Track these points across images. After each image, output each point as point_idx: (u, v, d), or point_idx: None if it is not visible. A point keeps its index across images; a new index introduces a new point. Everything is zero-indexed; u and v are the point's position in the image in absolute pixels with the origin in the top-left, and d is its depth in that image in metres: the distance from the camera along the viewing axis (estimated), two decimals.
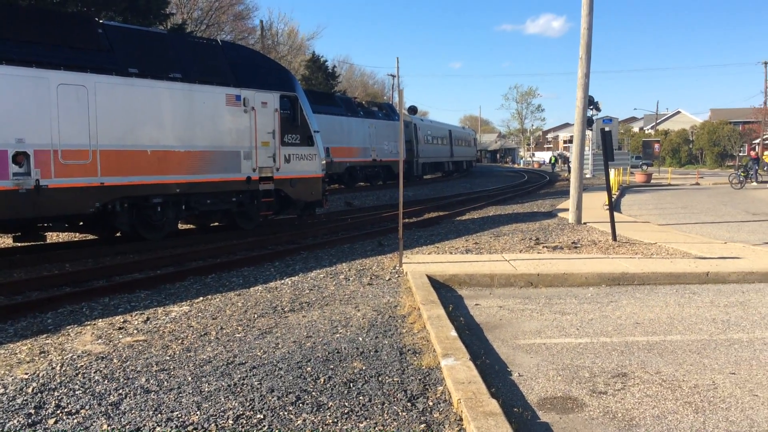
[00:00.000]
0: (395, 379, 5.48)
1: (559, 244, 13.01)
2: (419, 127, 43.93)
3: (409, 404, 4.97)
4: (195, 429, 4.48)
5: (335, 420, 4.66)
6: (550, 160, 72.39)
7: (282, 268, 11.21)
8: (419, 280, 9.15)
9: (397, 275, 10.11)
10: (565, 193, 22.86)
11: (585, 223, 17.02)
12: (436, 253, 12.18)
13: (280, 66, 17.73)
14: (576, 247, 12.67)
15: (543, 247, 12.77)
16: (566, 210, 18.95)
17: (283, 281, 9.90)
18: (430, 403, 4.99)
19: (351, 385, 5.34)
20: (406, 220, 17.43)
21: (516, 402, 5.10)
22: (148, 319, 7.65)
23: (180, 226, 15.86)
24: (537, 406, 5.04)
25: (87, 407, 4.86)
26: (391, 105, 43.48)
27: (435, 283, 9.23)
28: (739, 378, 5.61)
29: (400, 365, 5.83)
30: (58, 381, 5.40)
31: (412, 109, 54.20)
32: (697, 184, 39.94)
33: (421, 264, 10.57)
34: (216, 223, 15.91)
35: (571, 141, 18.42)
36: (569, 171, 27.40)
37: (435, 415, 4.77)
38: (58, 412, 4.76)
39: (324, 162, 17.01)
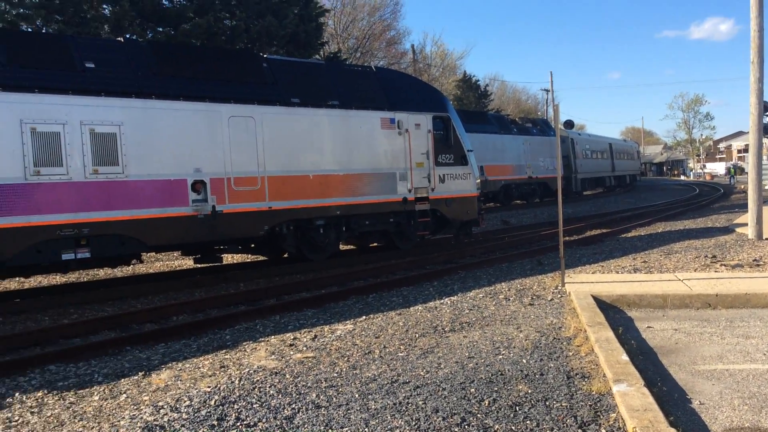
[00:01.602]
0: (564, 404, 5.28)
1: (739, 262, 12.00)
2: (576, 142, 42.55)
3: (579, 431, 4.76)
4: None
5: None
6: (728, 171, 67.10)
7: (440, 287, 11.24)
8: (584, 300, 8.79)
9: (559, 295, 9.80)
10: (742, 207, 21.11)
11: (767, 239, 15.59)
12: (600, 272, 11.67)
13: (431, 87, 17.96)
14: (758, 265, 11.63)
15: (720, 265, 11.84)
16: (745, 225, 17.48)
17: (442, 301, 9.91)
18: (603, 431, 4.75)
19: (517, 409, 5.21)
20: (567, 238, 16.88)
21: None
22: (315, 336, 7.96)
23: (341, 246, 16.41)
24: None
25: (264, 420, 5.11)
26: (545, 120, 42.56)
27: (601, 303, 8.83)
28: None
29: (568, 390, 5.61)
30: (237, 394, 5.73)
31: (569, 123, 52.71)
32: None
33: (585, 284, 10.16)
34: (375, 244, 16.29)
35: (745, 150, 17.05)
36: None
37: None
38: (238, 424, 5.05)
39: (479, 181, 16.93)
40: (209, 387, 5.99)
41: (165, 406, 5.47)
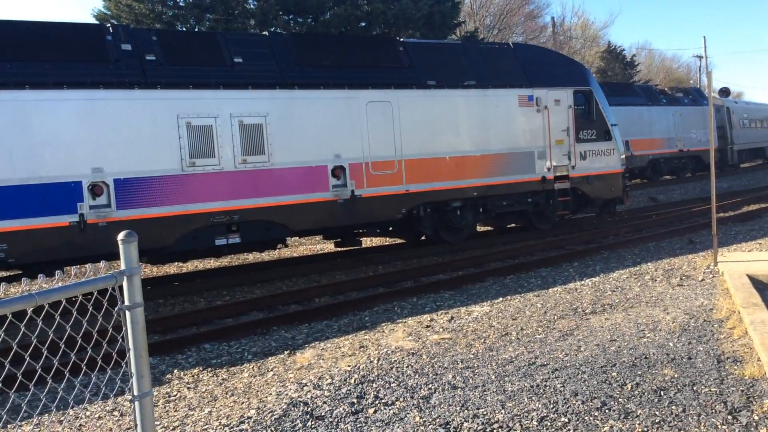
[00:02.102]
0: (713, 389, 5.01)
1: None
2: (733, 111, 39.45)
3: (729, 417, 4.51)
4: (500, 427, 4.58)
5: (645, 429, 4.41)
6: None
7: (581, 268, 10.95)
8: (738, 280, 8.23)
9: (711, 275, 9.23)
10: None
11: None
12: (757, 250, 10.87)
13: (572, 60, 17.39)
14: None
15: None
16: None
17: (582, 282, 9.65)
18: (756, 417, 4.46)
19: (662, 393, 5.00)
20: (721, 215, 15.80)
21: None
22: (452, 318, 8.03)
23: (478, 228, 16.36)
24: None
25: (401, 399, 5.25)
26: (698, 89, 39.83)
27: (757, 283, 8.22)
28: None
29: (718, 374, 5.31)
30: (376, 374, 5.92)
31: (725, 91, 49.04)
32: None
33: (740, 262, 9.50)
34: (512, 225, 16.09)
35: None
36: None
37: (761, 431, 4.26)
38: (377, 402, 5.22)
39: (623, 156, 16.22)
40: (349, 366, 6.23)
41: (308, 384, 5.76)
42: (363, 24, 25.62)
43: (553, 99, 14.80)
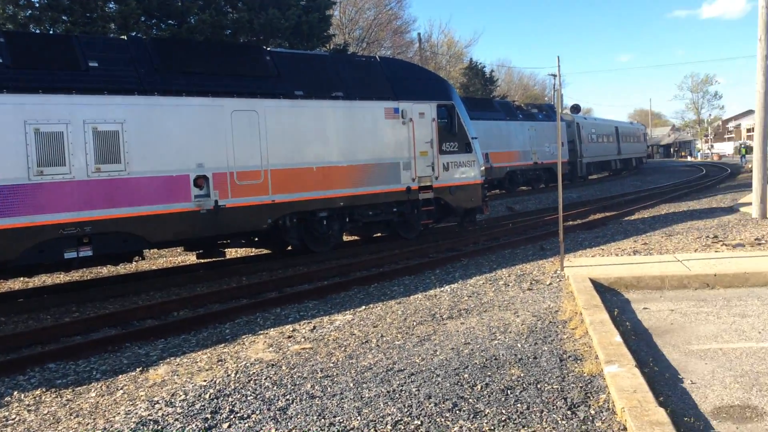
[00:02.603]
0: (555, 387, 5.34)
1: (740, 241, 11.99)
2: (582, 126, 42.31)
3: (569, 412, 4.82)
4: None
5: (492, 428, 4.63)
6: (739, 150, 65.89)
7: (442, 275, 11.30)
8: (581, 283, 8.83)
9: (558, 279, 9.84)
10: (748, 186, 21.00)
11: None
12: (600, 255, 11.70)
13: (435, 76, 17.95)
14: (759, 244, 11.61)
15: (722, 245, 11.83)
16: (749, 204, 17.40)
17: (442, 289, 9.98)
18: (592, 412, 4.81)
19: (509, 392, 5.27)
20: (570, 223, 16.89)
21: (687, 411, 4.77)
22: (314, 327, 8.04)
23: (345, 237, 16.50)
24: (711, 415, 4.69)
25: (257, 412, 5.20)
26: (551, 105, 42.28)
27: (599, 286, 8.86)
28: None
29: (560, 372, 5.67)
30: (233, 387, 5.82)
31: (575, 108, 52.15)
32: None
33: (584, 267, 10.19)
34: (378, 234, 16.36)
35: (754, 129, 17.00)
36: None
37: (597, 425, 4.59)
38: (232, 416, 5.13)
39: (483, 168, 16.92)
40: (205, 381, 6.08)
41: (160, 401, 5.57)
42: (229, 32, 25.20)
43: (418, 112, 15.22)
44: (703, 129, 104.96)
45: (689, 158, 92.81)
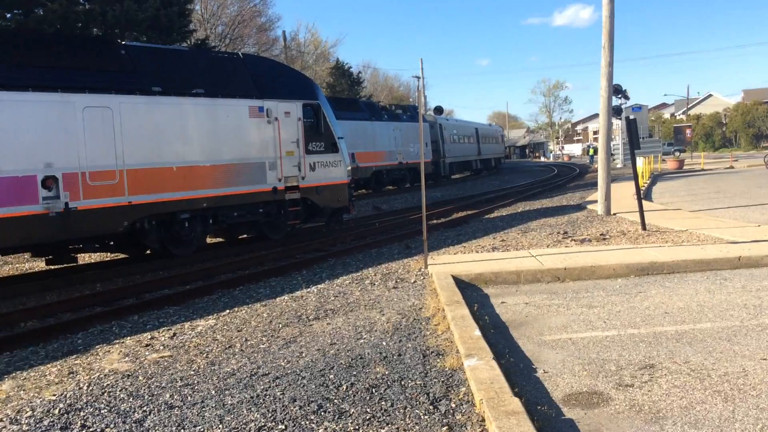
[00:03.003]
0: (418, 383, 5.45)
1: (588, 237, 12.83)
2: (444, 127, 43.70)
3: (431, 407, 4.94)
4: None
5: (356, 427, 4.65)
6: (588, 151, 70.30)
7: (309, 276, 11.25)
8: (444, 280, 9.09)
9: (422, 277, 10.07)
10: (594, 185, 22.53)
11: (614, 214, 16.77)
12: (462, 252, 12.11)
13: (301, 75, 17.83)
14: (604, 239, 12.49)
15: (571, 240, 12.61)
16: (595, 202, 18.67)
17: (309, 290, 9.93)
18: (453, 405, 4.95)
19: (373, 391, 5.32)
20: (434, 221, 17.36)
21: (540, 399, 5.03)
22: (174, 334, 7.74)
23: (209, 239, 16.04)
24: (561, 402, 4.96)
25: (112, 425, 4.92)
26: (415, 107, 43.35)
27: (460, 283, 9.17)
28: None
29: (423, 368, 5.80)
30: (85, 401, 5.48)
31: (438, 110, 53.73)
32: (731, 167, 39.08)
33: (447, 264, 10.51)
34: (244, 235, 16.04)
35: None
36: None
37: (457, 417, 4.73)
38: (84, 431, 4.83)
39: (349, 168, 17.03)
40: (54, 395, 5.68)
41: (4, 419, 5.14)
42: (80, 24, 23.74)
43: (284, 111, 15.05)
44: (554, 131, 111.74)
45: (543, 159, 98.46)
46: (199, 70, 13.87)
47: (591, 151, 67.07)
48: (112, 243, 13.23)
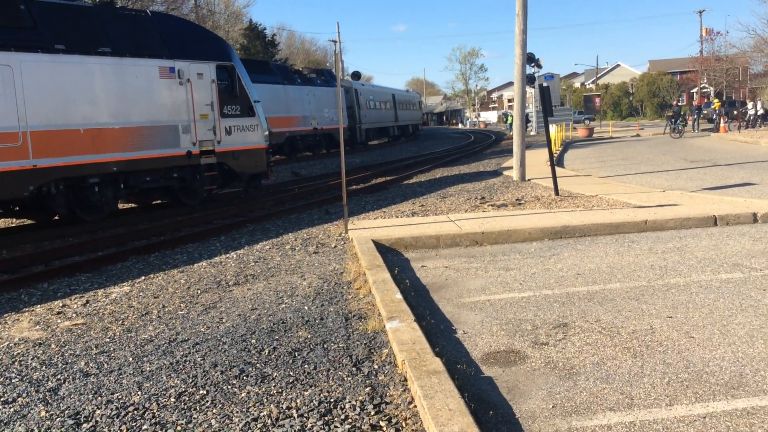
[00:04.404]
0: (340, 345, 5.49)
1: (504, 202, 13.16)
2: (360, 93, 43.41)
3: (354, 369, 4.98)
4: (136, 410, 4.41)
5: (280, 390, 4.64)
6: (507, 119, 71.31)
7: (227, 242, 11.07)
8: (365, 245, 9.14)
9: (343, 242, 10.09)
10: (510, 152, 23.08)
11: (529, 180, 17.24)
12: (382, 218, 12.19)
13: (214, 35, 17.28)
14: (520, 204, 12.84)
15: (488, 205, 12.90)
16: (511, 168, 19.14)
17: (228, 255, 9.78)
18: (375, 366, 5.01)
19: (296, 355, 5.32)
20: (353, 187, 17.37)
21: (460, 359, 5.16)
22: (87, 302, 7.48)
23: (122, 205, 15.50)
24: (480, 361, 5.11)
25: (24, 395, 4.73)
26: (331, 71, 42.80)
27: (381, 247, 9.24)
28: (675, 321, 5.78)
29: (346, 331, 5.84)
30: None
31: (356, 75, 53.23)
32: (638, 135, 40.81)
33: (367, 229, 10.56)
34: (158, 201, 15.58)
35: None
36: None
37: (380, 378, 4.80)
38: None
39: (267, 133, 16.74)
40: None
41: None
42: None
43: (196, 72, 14.59)
44: (471, 99, 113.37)
45: (460, 126, 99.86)
46: (105, 28, 13.22)
47: (510, 119, 68.03)
48: (17, 208, 12.62)
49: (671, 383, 4.49)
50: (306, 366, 5.07)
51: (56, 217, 13.55)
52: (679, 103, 43.77)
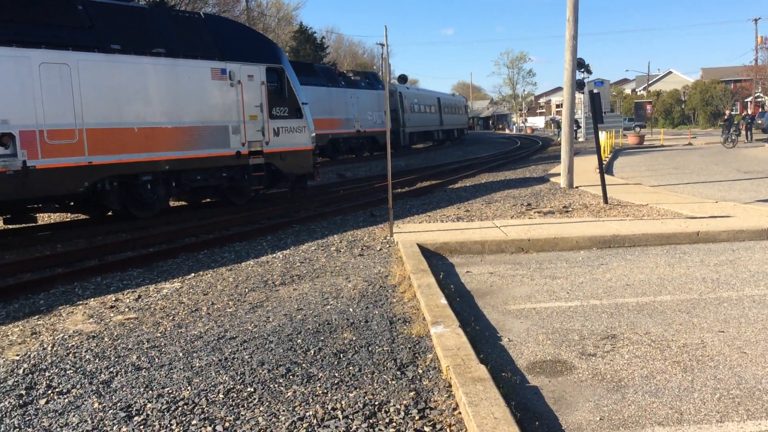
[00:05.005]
0: (385, 348, 5.51)
1: (551, 209, 13.02)
2: (405, 96, 43.28)
3: (398, 373, 5.00)
4: (186, 404, 4.51)
5: (325, 391, 4.69)
6: (557, 124, 70.26)
7: (274, 242, 11.21)
8: (410, 249, 9.15)
9: (388, 245, 10.12)
10: (557, 158, 22.81)
11: (577, 187, 17.03)
12: (427, 221, 12.18)
13: (265, 38, 17.55)
14: (567, 211, 12.69)
15: (534, 212, 12.78)
16: (558, 174, 18.93)
17: (274, 255, 9.90)
18: (420, 371, 5.02)
19: (341, 356, 5.36)
20: (398, 190, 17.42)
21: (505, 367, 5.13)
22: (139, 297, 7.66)
23: (172, 203, 15.82)
24: (526, 370, 5.07)
25: (78, 386, 4.88)
26: (374, 74, 42.92)
27: (426, 251, 9.24)
28: (727, 336, 5.65)
29: (390, 334, 5.86)
30: (50, 361, 5.42)
31: (402, 78, 53.25)
32: (690, 144, 39.92)
33: (412, 233, 10.57)
34: (208, 199, 15.87)
35: (563, 105, 18.43)
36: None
37: (424, 383, 4.80)
38: (49, 392, 4.78)
39: (314, 134, 16.92)
40: (17, 355, 5.60)
41: None
42: None
43: (247, 74, 14.83)
44: (518, 103, 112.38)
45: (506, 131, 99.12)
46: (160, 29, 13.54)
47: (560, 124, 66.87)
48: (72, 203, 13.01)
49: (722, 399, 4.40)
50: (351, 368, 5.10)
51: (109, 213, 13.90)
52: (732, 113, 42.70)
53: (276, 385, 4.80)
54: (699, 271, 8.02)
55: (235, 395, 4.64)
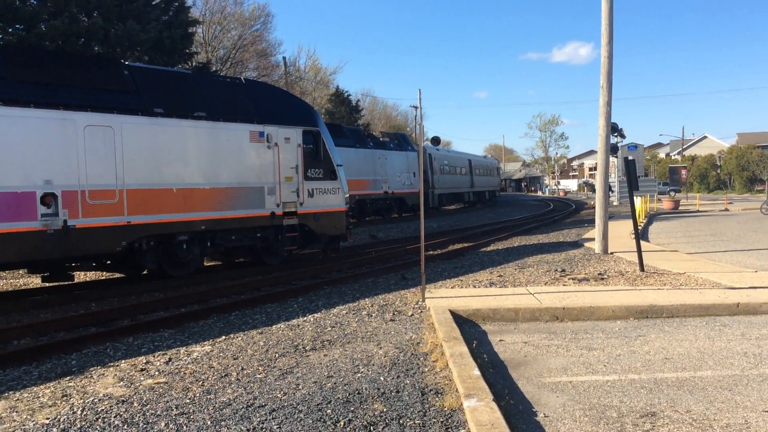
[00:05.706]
0: (416, 422, 5.38)
1: (586, 276, 12.82)
2: (434, 157, 43.35)
3: None
4: None
5: None
6: (591, 187, 69.77)
7: (305, 304, 11.18)
8: (442, 315, 9.05)
9: (419, 311, 10.02)
10: (591, 222, 22.61)
11: (612, 253, 16.78)
12: (459, 286, 12.07)
13: (302, 101, 17.92)
14: (602, 279, 12.48)
15: (569, 278, 12.59)
16: (592, 239, 18.71)
17: (305, 318, 9.86)
18: None
19: (371, 429, 5.25)
20: (430, 252, 17.33)
21: None
22: (170, 359, 7.65)
23: (206, 262, 15.96)
24: None
25: None
26: (404, 135, 43.07)
27: (458, 318, 9.12)
28: None
29: (422, 407, 5.73)
30: (78, 426, 5.39)
31: (435, 140, 53.67)
32: (726, 210, 39.29)
33: (444, 298, 10.46)
34: (241, 259, 15.98)
35: (596, 168, 18.34)
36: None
37: None
38: None
39: (347, 195, 17.05)
40: (48, 419, 5.59)
41: None
42: (82, 40, 23.82)
43: (284, 137, 15.11)
44: (550, 166, 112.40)
45: (539, 193, 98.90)
46: (201, 93, 13.93)
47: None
48: (109, 262, 13.18)
49: None
50: None
51: (145, 272, 14.06)
52: None
53: None
54: (740, 345, 7.77)
55: None
